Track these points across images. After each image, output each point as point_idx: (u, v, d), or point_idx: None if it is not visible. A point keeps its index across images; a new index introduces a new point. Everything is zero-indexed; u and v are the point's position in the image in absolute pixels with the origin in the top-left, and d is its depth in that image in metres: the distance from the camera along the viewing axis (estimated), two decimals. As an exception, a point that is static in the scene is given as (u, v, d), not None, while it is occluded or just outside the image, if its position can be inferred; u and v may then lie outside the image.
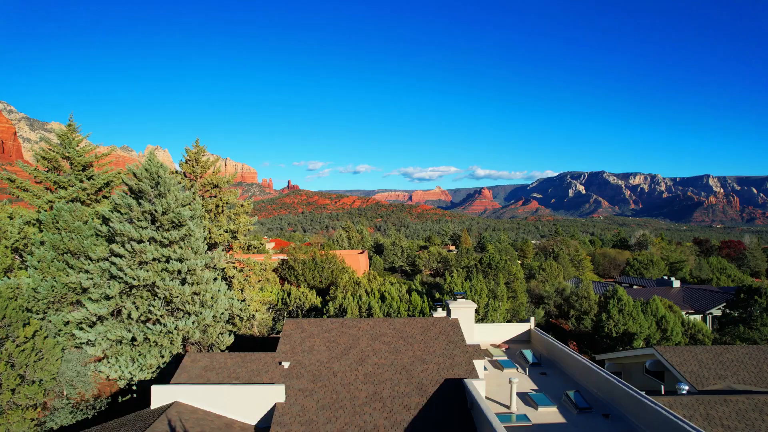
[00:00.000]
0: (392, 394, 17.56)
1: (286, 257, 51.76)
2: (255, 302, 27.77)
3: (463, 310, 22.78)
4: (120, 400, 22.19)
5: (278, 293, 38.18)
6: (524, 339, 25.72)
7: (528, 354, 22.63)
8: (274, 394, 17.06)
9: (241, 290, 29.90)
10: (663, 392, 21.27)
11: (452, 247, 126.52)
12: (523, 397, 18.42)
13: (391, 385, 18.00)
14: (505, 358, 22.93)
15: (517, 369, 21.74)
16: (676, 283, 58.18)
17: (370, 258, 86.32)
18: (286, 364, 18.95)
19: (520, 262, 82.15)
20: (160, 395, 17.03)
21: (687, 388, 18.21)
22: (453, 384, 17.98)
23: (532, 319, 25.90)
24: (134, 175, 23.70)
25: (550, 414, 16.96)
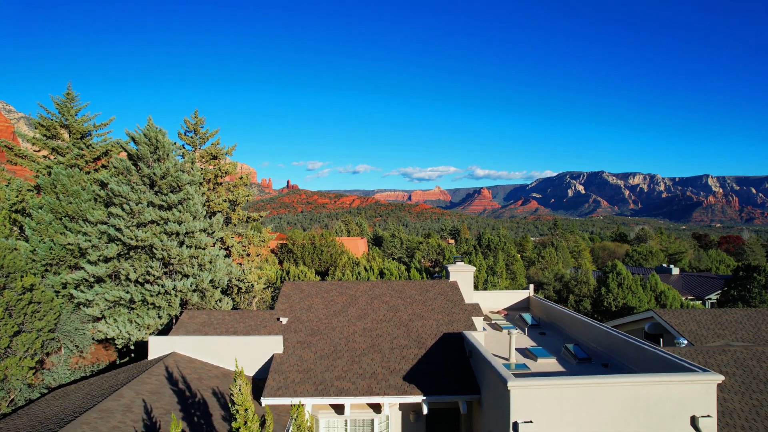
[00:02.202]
0: (391, 346, 17.52)
1: (285, 242, 51.73)
2: (254, 273, 27.72)
3: (461, 273, 22.76)
4: (118, 363, 22.14)
5: (277, 271, 38.16)
6: (523, 306, 25.67)
7: (527, 317, 22.60)
8: (273, 345, 17.02)
9: (240, 264, 29.85)
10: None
11: (451, 240, 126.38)
12: (522, 351, 18.38)
13: (390, 339, 17.97)
14: (505, 322, 22.88)
15: (516, 329, 21.70)
16: (675, 271, 58.16)
17: (369, 249, 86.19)
18: (284, 320, 18.92)
19: (519, 255, 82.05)
20: (158, 346, 16.99)
21: (686, 342, 18.19)
22: (452, 337, 17.96)
23: (531, 286, 25.85)
24: (133, 139, 23.67)
25: (549, 364, 16.92)
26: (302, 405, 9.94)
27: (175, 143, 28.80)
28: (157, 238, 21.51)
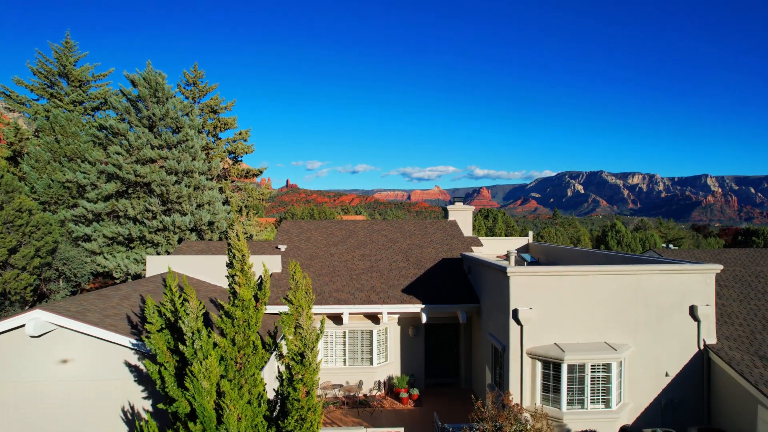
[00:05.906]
0: (390, 267, 17.50)
1: (285, 216, 51.71)
2: (254, 225, 27.68)
3: (460, 213, 22.75)
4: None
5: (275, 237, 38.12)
6: (522, 252, 25.63)
7: (526, 256, 22.59)
8: (271, 264, 16.96)
9: (239, 216, 29.80)
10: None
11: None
12: (520, 277, 18.34)
13: (389, 262, 17.95)
14: (504, 263, 22.84)
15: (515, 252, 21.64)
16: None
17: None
18: (282, 247, 18.90)
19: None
20: (155, 264, 16.91)
21: (685, 267, 18.16)
22: (451, 261, 17.96)
23: (531, 233, 25.84)
24: (132, 82, 23.64)
25: (547, 284, 16.86)
26: (298, 264, 9.86)
27: (174, 95, 28.76)
28: (156, 174, 21.49)
